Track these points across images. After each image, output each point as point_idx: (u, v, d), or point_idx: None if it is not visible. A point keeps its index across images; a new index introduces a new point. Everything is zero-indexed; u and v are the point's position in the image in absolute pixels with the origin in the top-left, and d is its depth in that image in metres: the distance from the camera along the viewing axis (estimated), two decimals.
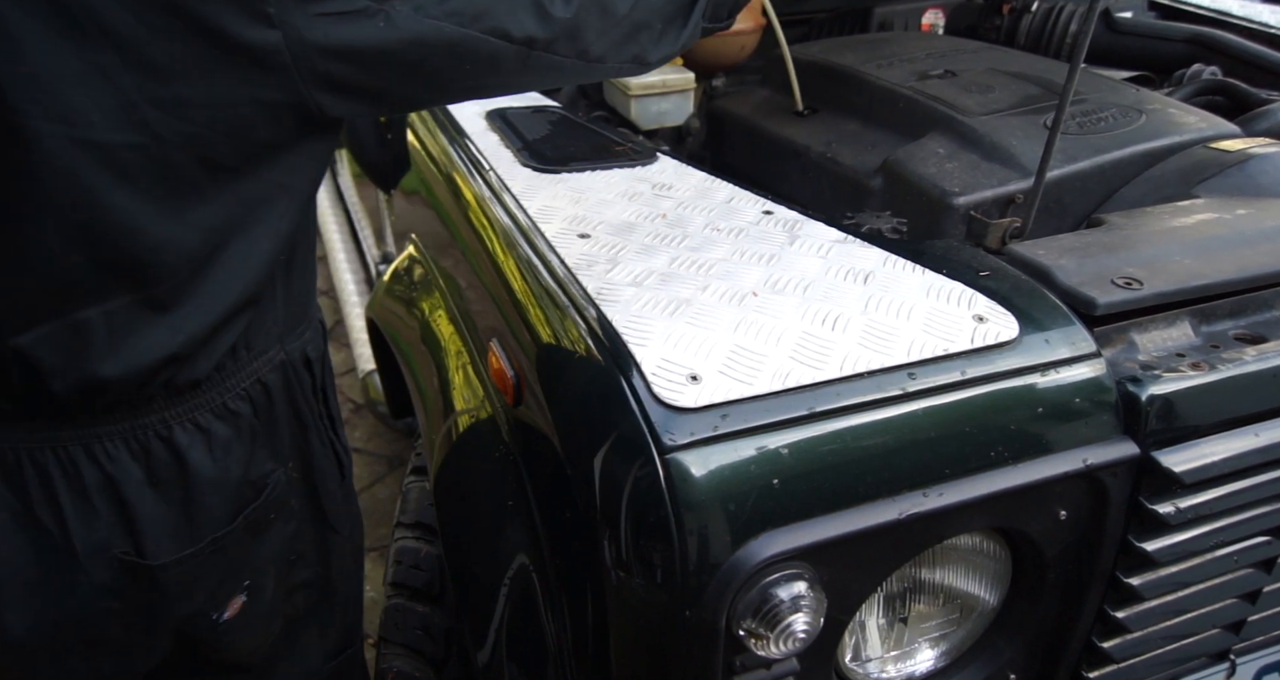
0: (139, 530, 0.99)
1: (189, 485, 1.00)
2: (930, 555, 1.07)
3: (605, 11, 1.04)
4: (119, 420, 0.96)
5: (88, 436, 0.96)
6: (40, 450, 0.95)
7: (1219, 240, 1.20)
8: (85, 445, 0.96)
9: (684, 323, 1.02)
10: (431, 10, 0.90)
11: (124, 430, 0.97)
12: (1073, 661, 1.18)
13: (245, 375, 1.03)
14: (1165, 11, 2.32)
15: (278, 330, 1.05)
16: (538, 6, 0.98)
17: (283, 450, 1.10)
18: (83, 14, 0.78)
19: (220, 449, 1.02)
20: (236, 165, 0.90)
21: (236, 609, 1.10)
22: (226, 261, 0.94)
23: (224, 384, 1.01)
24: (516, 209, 1.32)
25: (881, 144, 1.49)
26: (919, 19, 2.27)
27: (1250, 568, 1.20)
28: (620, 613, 0.98)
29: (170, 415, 0.98)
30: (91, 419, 0.95)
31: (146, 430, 0.97)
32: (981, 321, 1.04)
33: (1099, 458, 1.03)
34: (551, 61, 1.02)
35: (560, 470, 1.06)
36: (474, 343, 1.38)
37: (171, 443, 0.99)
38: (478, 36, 0.94)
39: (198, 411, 1.00)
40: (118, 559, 0.99)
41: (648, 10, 1.08)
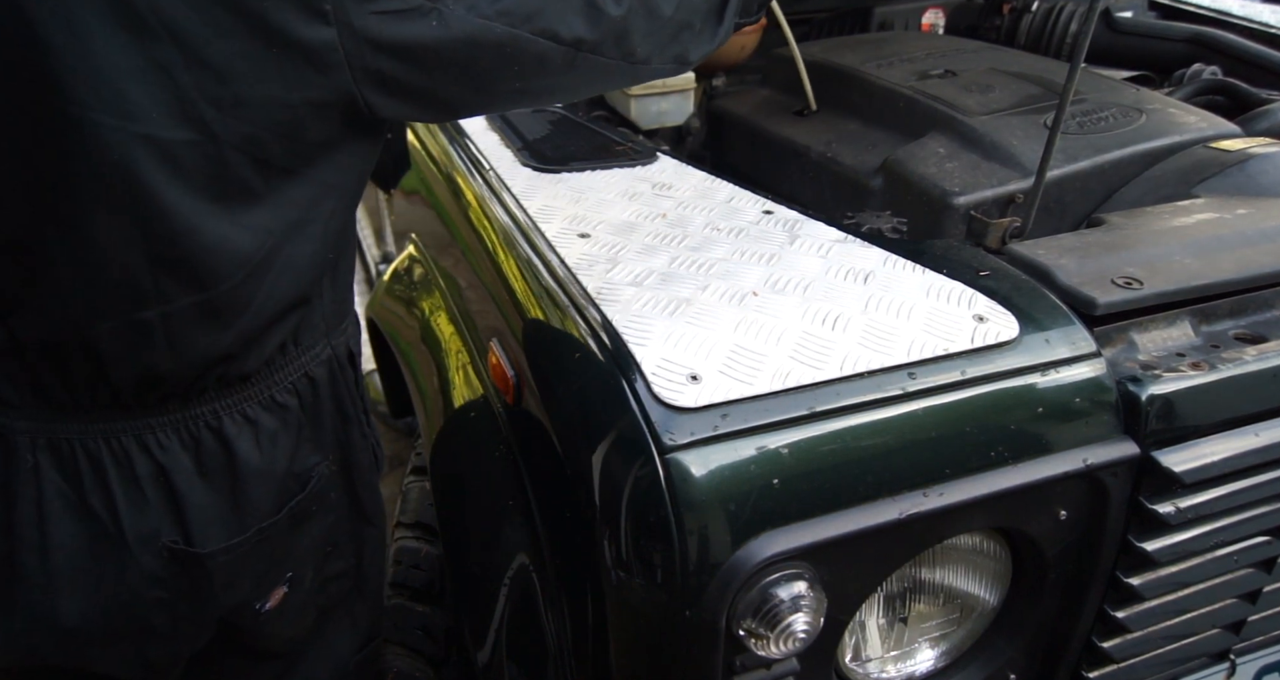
0: (188, 519, 1.00)
1: (236, 475, 1.02)
2: (930, 555, 1.07)
3: (652, 13, 1.05)
4: (171, 411, 0.98)
5: (140, 427, 0.97)
6: (93, 440, 0.97)
7: (1219, 240, 1.20)
8: (137, 435, 0.98)
9: (684, 322, 1.02)
10: (483, 10, 0.91)
11: (175, 421, 0.98)
12: (1073, 661, 1.18)
13: (293, 369, 1.05)
14: (1165, 11, 2.32)
15: (325, 326, 1.07)
16: (589, 7, 0.99)
17: (326, 443, 1.11)
18: (148, 11, 0.78)
19: (267, 440, 1.03)
20: (288, 166, 0.91)
21: (278, 599, 1.11)
22: (279, 263, 0.95)
23: (273, 377, 1.03)
24: (516, 209, 1.32)
25: (881, 144, 1.49)
26: (919, 19, 2.27)
27: (1250, 568, 1.20)
28: (620, 613, 0.98)
29: (220, 407, 1.00)
30: (144, 410, 0.97)
31: (197, 421, 0.99)
32: (981, 321, 1.04)
33: (1099, 457, 1.03)
34: (597, 63, 1.03)
35: (560, 470, 1.06)
36: (474, 342, 1.38)
37: (221, 433, 1.00)
38: (527, 37, 0.95)
39: (247, 403, 1.01)
40: (166, 547, 1.00)
41: (689, 9, 1.09)
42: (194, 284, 0.91)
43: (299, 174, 0.92)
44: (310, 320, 1.05)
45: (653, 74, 1.13)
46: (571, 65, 1.00)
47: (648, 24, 1.05)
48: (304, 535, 1.12)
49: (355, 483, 1.19)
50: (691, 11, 1.10)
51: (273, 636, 1.16)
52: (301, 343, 1.04)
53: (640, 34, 1.05)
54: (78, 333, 0.92)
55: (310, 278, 1.00)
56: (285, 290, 0.97)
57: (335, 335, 1.10)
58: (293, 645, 1.21)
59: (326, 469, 1.11)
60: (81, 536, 0.98)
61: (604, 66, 1.04)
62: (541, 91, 1.06)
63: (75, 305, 0.90)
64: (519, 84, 0.99)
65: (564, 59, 0.99)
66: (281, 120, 0.88)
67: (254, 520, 1.04)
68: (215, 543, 1.02)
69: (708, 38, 1.14)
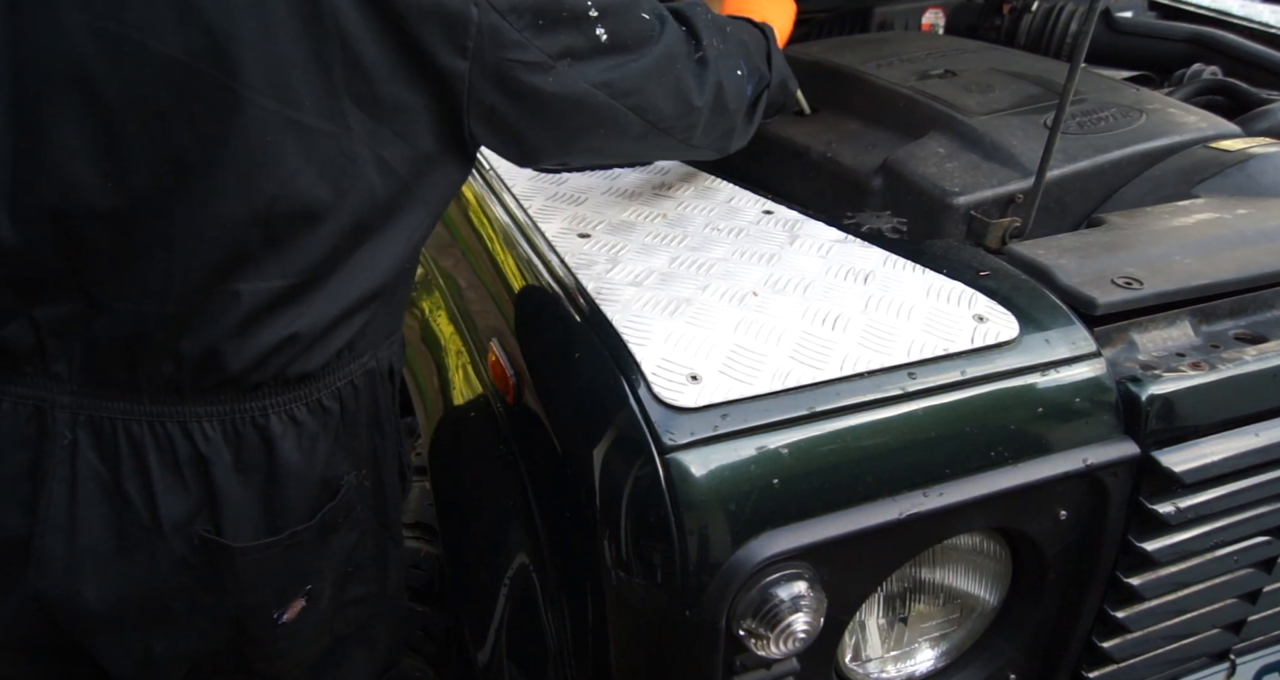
0: (221, 512, 1.01)
1: (273, 475, 1.02)
2: (930, 555, 1.07)
3: (722, 108, 1.20)
4: (221, 402, 0.99)
5: (186, 415, 0.98)
6: (138, 422, 0.98)
7: (1219, 240, 1.20)
8: (182, 423, 0.99)
9: (684, 322, 1.02)
10: (592, 77, 1.02)
11: (223, 412, 1.00)
12: (1073, 661, 1.18)
13: (342, 375, 1.06)
14: (1165, 11, 2.32)
15: (376, 337, 1.09)
16: (679, 95, 1.12)
17: (359, 455, 1.12)
18: (327, 12, 0.88)
19: (307, 443, 1.04)
20: (398, 170, 0.97)
21: (295, 612, 1.10)
22: (365, 261, 0.99)
23: (323, 380, 1.04)
24: (516, 209, 1.32)
25: (881, 144, 1.49)
26: (919, 19, 2.26)
27: (1250, 568, 1.20)
28: (620, 613, 0.98)
29: (270, 404, 1.01)
30: (196, 397, 0.98)
31: (244, 416, 1.00)
32: (981, 321, 1.04)
33: (1099, 457, 1.03)
34: (661, 140, 1.15)
35: (560, 470, 1.06)
36: (474, 342, 1.38)
37: (265, 431, 1.01)
38: (622, 110, 1.06)
39: (295, 404, 1.03)
40: (199, 536, 1.01)
41: (741, 107, 1.25)
42: (292, 267, 0.95)
43: (406, 182, 0.98)
44: (369, 328, 1.06)
45: (692, 154, 1.28)
46: (644, 138, 1.12)
47: (714, 117, 1.19)
48: (328, 548, 1.11)
49: (385, 500, 1.19)
50: (741, 110, 1.26)
51: (284, 656, 1.14)
52: (355, 348, 1.06)
53: (705, 124, 1.18)
54: (166, 304, 0.94)
55: (384, 282, 1.03)
56: (360, 289, 1.01)
57: (383, 348, 1.12)
58: (305, 672, 1.19)
59: (356, 480, 1.11)
60: (112, 520, 0.99)
61: (664, 143, 1.16)
62: (608, 154, 1.19)
63: (174, 277, 0.93)
64: (595, 144, 1.10)
65: (640, 132, 1.10)
66: (404, 124, 0.95)
67: (286, 523, 1.05)
68: (246, 539, 1.03)
69: (743, 133, 1.30)
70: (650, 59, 1.07)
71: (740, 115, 1.26)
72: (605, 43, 1.02)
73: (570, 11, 0.99)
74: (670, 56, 1.10)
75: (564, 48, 0.99)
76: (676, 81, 1.11)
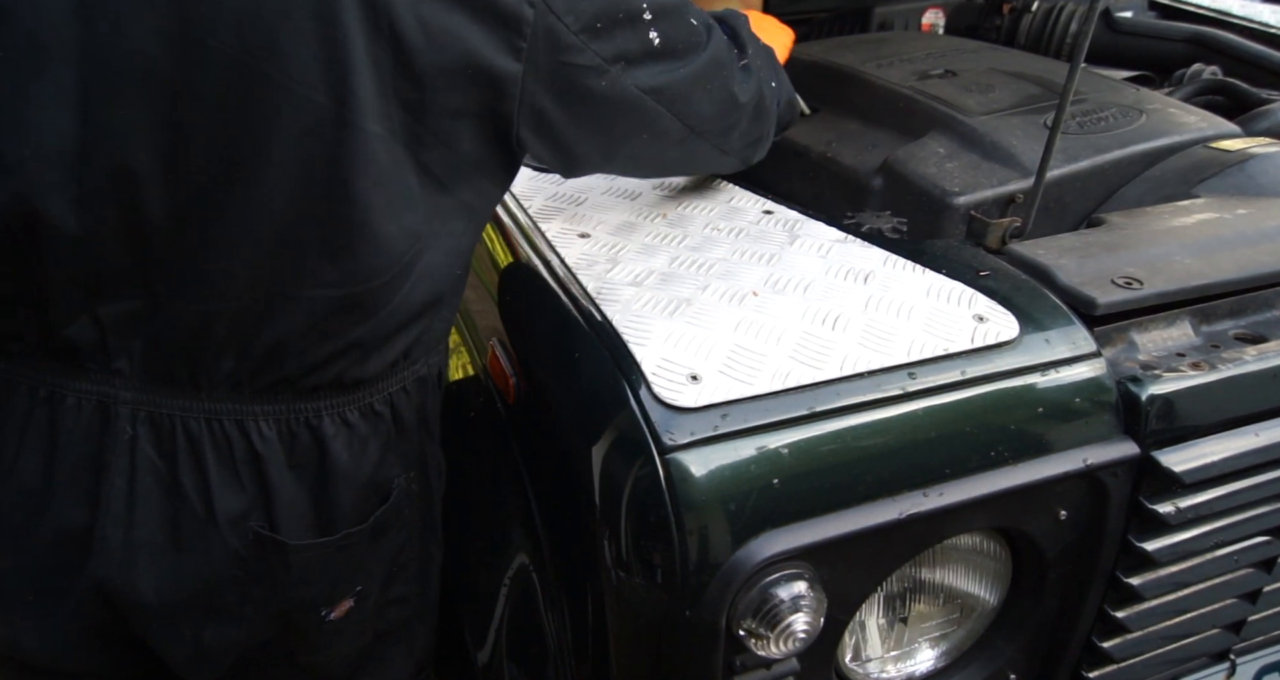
0: (276, 509, 1.02)
1: (325, 476, 1.03)
2: (930, 555, 1.07)
3: (761, 114, 1.22)
4: (278, 402, 1.00)
5: (243, 413, 0.99)
6: (195, 419, 0.99)
7: (1219, 240, 1.20)
8: (239, 421, 0.99)
9: (684, 322, 1.02)
10: (644, 81, 1.02)
11: (279, 412, 1.00)
12: (1073, 661, 1.18)
13: (396, 381, 1.07)
14: (1165, 11, 2.32)
15: (430, 344, 1.10)
16: (724, 100, 1.12)
17: (409, 458, 1.12)
18: (384, 16, 0.87)
19: (359, 446, 1.05)
20: (441, 176, 0.97)
21: (343, 611, 1.11)
22: (419, 268, 0.99)
23: (378, 386, 1.05)
24: (516, 209, 1.32)
25: (881, 144, 1.49)
26: (919, 19, 2.26)
27: (1250, 568, 1.20)
28: (620, 613, 0.98)
29: (325, 406, 1.02)
30: (254, 395, 0.99)
31: (299, 417, 1.01)
32: (981, 321, 1.04)
33: (1099, 457, 1.03)
34: (698, 146, 1.15)
35: (560, 470, 1.06)
36: (474, 342, 1.38)
37: (318, 432, 1.02)
38: (667, 115, 1.06)
39: (348, 407, 1.03)
40: (254, 531, 1.01)
41: (774, 116, 1.27)
42: (349, 276, 0.95)
43: (448, 187, 0.98)
44: (425, 335, 1.07)
45: (723, 165, 1.28)
46: (682, 144, 1.12)
47: (752, 124, 1.21)
48: (378, 550, 1.12)
49: (431, 502, 1.20)
50: (769, 121, 1.27)
51: (329, 652, 1.15)
52: (411, 356, 1.07)
53: (741, 131, 1.20)
54: (227, 302, 0.94)
55: (440, 290, 1.03)
56: (418, 298, 1.01)
57: (434, 354, 1.12)
58: (345, 668, 1.20)
59: (405, 483, 1.12)
60: (169, 513, 1.00)
61: (700, 150, 1.17)
62: (644, 163, 1.19)
63: (235, 277, 0.93)
64: (636, 151, 1.11)
65: (680, 137, 1.11)
66: (449, 130, 0.94)
67: (340, 524, 1.05)
68: (298, 537, 1.04)
69: (764, 146, 1.30)
70: (699, 64, 1.07)
71: (770, 124, 1.27)
72: (658, 47, 1.02)
73: (626, 13, 0.98)
74: (718, 62, 1.10)
75: (619, 51, 0.98)
76: (722, 87, 1.11)
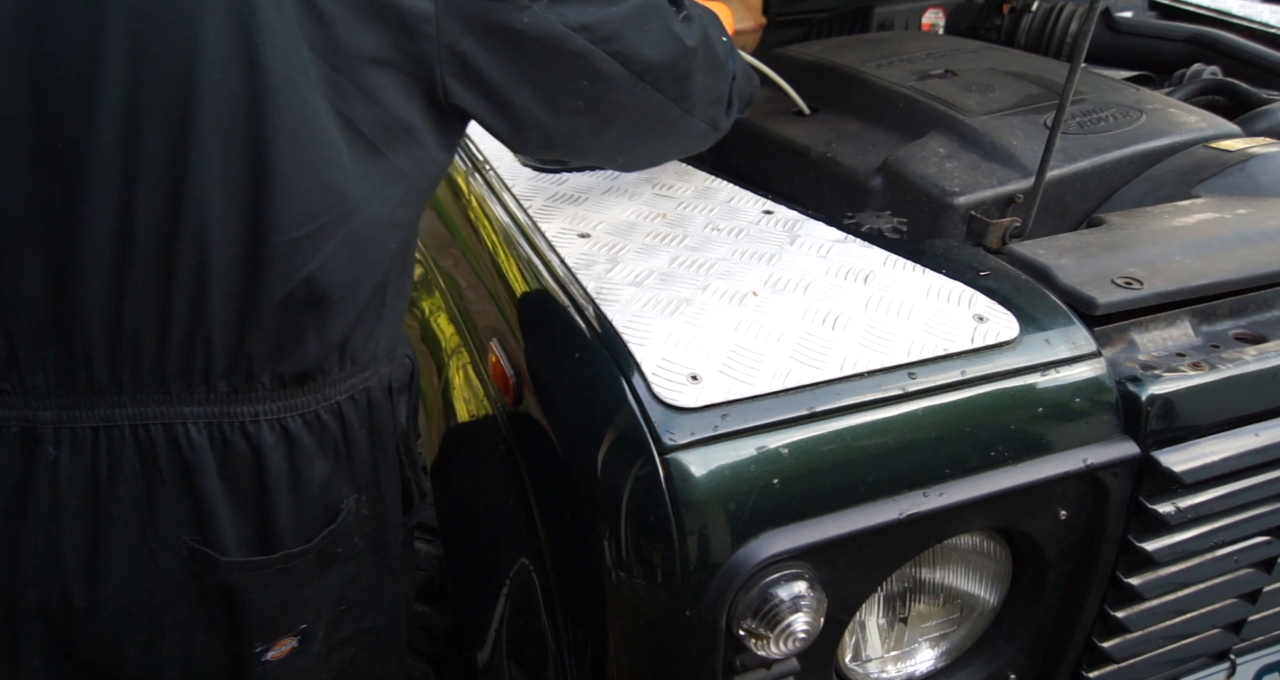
0: (209, 525, 0.97)
1: (264, 491, 0.98)
2: (930, 555, 1.07)
3: (716, 64, 1.15)
4: (207, 404, 0.95)
5: (170, 417, 0.94)
6: (119, 431, 0.94)
7: (1219, 240, 1.20)
8: (166, 426, 0.94)
9: (684, 322, 1.02)
10: (569, 19, 0.97)
11: (208, 415, 0.95)
12: (1073, 661, 1.18)
13: (342, 388, 1.01)
14: (1165, 11, 2.32)
15: (377, 348, 1.04)
16: (666, 41, 1.05)
17: (360, 479, 1.06)
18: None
19: (302, 459, 0.99)
20: (370, 136, 0.92)
21: (284, 652, 1.03)
22: (343, 234, 0.94)
23: (320, 392, 1.00)
24: (516, 209, 1.32)
25: (881, 144, 1.49)
26: (919, 19, 2.26)
27: (1250, 568, 1.20)
28: (620, 613, 0.97)
29: (262, 411, 0.96)
30: (182, 395, 0.94)
31: (232, 421, 0.96)
32: (981, 321, 1.04)
33: (1099, 457, 1.03)
34: (653, 97, 1.08)
35: (560, 470, 1.06)
36: (474, 343, 1.38)
37: (254, 440, 0.97)
38: (602, 55, 1.00)
39: (288, 414, 0.98)
40: (186, 546, 0.97)
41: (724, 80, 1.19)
42: (256, 228, 0.90)
43: (379, 151, 0.94)
44: (368, 329, 1.02)
45: (692, 131, 1.19)
46: (632, 92, 1.06)
47: (708, 75, 1.14)
48: (325, 581, 1.05)
49: (385, 529, 1.12)
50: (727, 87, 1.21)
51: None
52: (358, 359, 1.02)
53: (700, 85, 1.13)
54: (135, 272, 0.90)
55: (373, 267, 0.98)
56: (347, 270, 0.96)
57: (383, 363, 1.07)
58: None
59: (355, 506, 1.05)
60: (95, 536, 0.96)
61: (657, 102, 1.09)
62: (600, 115, 1.08)
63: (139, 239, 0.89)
64: (581, 103, 1.03)
65: (627, 84, 1.04)
66: (368, 79, 0.90)
67: (280, 544, 1.00)
68: (235, 555, 0.98)
69: (732, 116, 1.24)
70: (631, 5, 1.01)
71: (730, 82, 1.21)
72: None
73: None
74: (653, 4, 1.05)
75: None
76: (663, 27, 1.05)
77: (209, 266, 0.90)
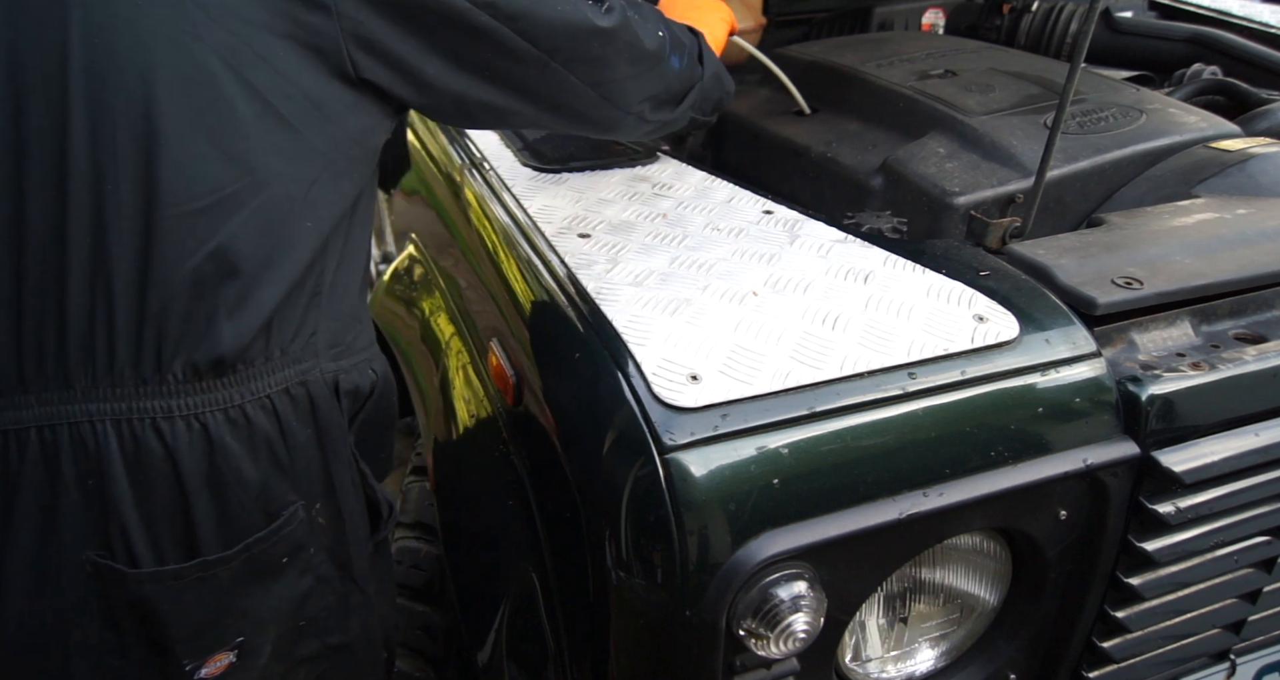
0: (117, 535, 0.90)
1: (180, 494, 0.91)
2: (930, 555, 1.07)
3: (641, 55, 1.14)
4: (115, 399, 0.89)
5: (76, 415, 0.88)
6: (24, 433, 0.88)
7: (1219, 240, 1.20)
8: (72, 426, 0.88)
9: (684, 322, 1.02)
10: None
11: (117, 412, 0.89)
12: (1073, 661, 1.18)
13: (273, 381, 0.95)
14: (1165, 11, 2.32)
15: (315, 340, 0.99)
16: (574, 14, 1.03)
17: (308, 485, 1.00)
18: None
19: (227, 459, 0.92)
20: (283, 108, 0.90)
21: (220, 668, 0.95)
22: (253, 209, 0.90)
23: (246, 385, 0.93)
24: (516, 209, 1.32)
25: (881, 144, 1.49)
26: (919, 19, 2.27)
27: (1250, 568, 1.20)
28: (620, 613, 0.98)
29: (176, 405, 0.90)
30: (88, 390, 0.88)
31: (143, 418, 0.89)
32: (981, 321, 1.04)
33: (1099, 457, 1.03)
34: (566, 80, 1.07)
35: (560, 470, 1.06)
36: (474, 343, 1.38)
37: (168, 439, 0.90)
38: (508, 33, 0.99)
39: (208, 411, 0.91)
40: (91, 562, 0.90)
41: (659, 75, 1.19)
42: (150, 199, 0.86)
43: (289, 124, 0.91)
44: (294, 320, 0.96)
45: (612, 121, 1.18)
46: (543, 72, 1.04)
47: (630, 67, 1.12)
48: (267, 594, 0.98)
49: (346, 540, 1.05)
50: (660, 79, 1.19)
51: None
52: (287, 349, 0.96)
53: (619, 73, 1.11)
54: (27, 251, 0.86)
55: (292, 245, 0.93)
56: (254, 243, 0.91)
57: (325, 359, 1.00)
58: None
59: (306, 514, 0.99)
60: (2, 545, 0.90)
61: (572, 85, 1.08)
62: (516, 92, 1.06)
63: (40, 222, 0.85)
64: (496, 76, 1.02)
65: (537, 63, 1.03)
66: (269, 48, 0.88)
67: (200, 553, 0.92)
68: (147, 565, 0.91)
69: (665, 112, 1.24)
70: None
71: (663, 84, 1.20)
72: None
73: None
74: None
75: None
76: (570, 10, 1.03)
77: (104, 244, 0.86)
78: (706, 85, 1.30)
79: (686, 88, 1.26)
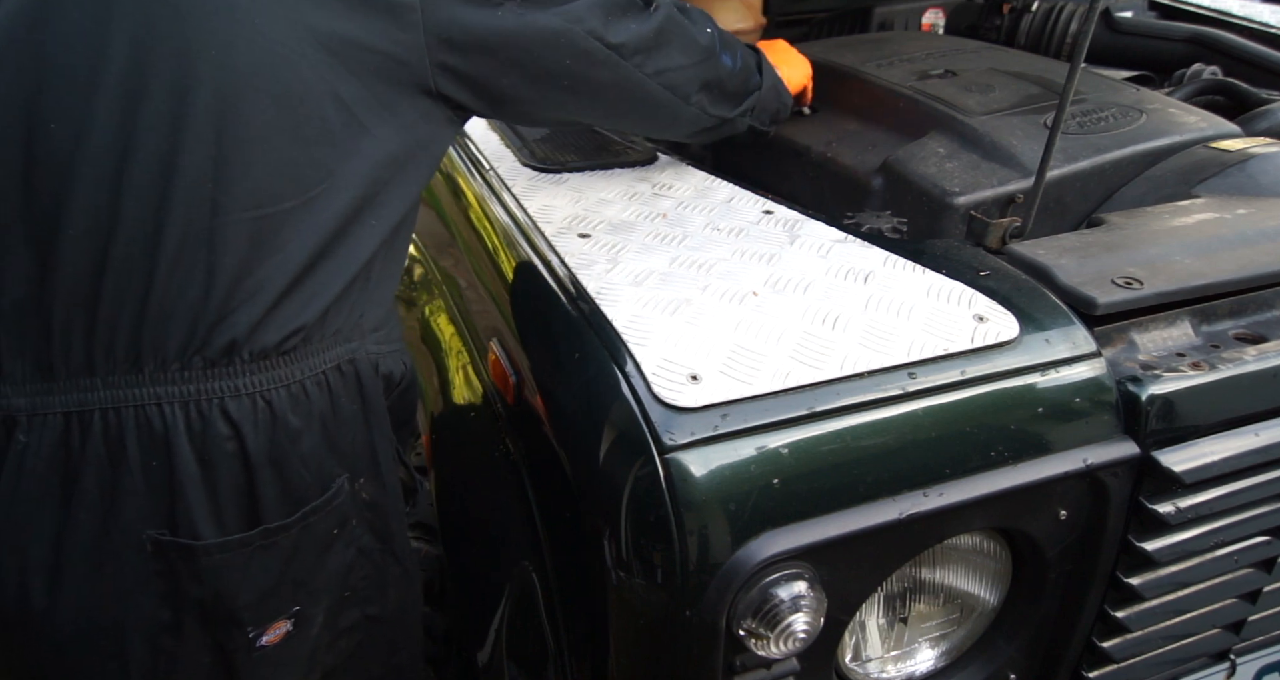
0: (183, 511, 0.93)
1: (244, 470, 0.95)
2: (930, 555, 1.07)
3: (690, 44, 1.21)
4: (183, 382, 0.93)
5: (143, 398, 0.92)
6: (88, 415, 0.92)
7: (1219, 240, 1.20)
8: (139, 409, 0.92)
9: (684, 322, 1.02)
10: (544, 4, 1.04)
11: (186, 394, 0.93)
12: (1073, 661, 1.18)
13: (328, 358, 1.00)
14: (1165, 11, 2.32)
15: (363, 322, 1.05)
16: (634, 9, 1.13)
17: (355, 459, 1.05)
18: None
19: (286, 436, 0.97)
20: (361, 117, 0.96)
21: (279, 636, 1.00)
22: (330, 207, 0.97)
23: (305, 362, 0.98)
24: (516, 209, 1.32)
25: (881, 144, 1.49)
26: (919, 19, 2.27)
27: (1250, 568, 1.20)
28: (620, 613, 0.98)
29: (243, 385, 0.94)
30: (156, 373, 0.92)
31: (210, 399, 0.93)
32: (981, 321, 1.04)
33: (1099, 457, 1.03)
34: (638, 77, 1.16)
35: (560, 470, 1.06)
36: (474, 343, 1.38)
37: (234, 417, 0.94)
38: (579, 32, 1.07)
39: (274, 388, 0.96)
40: (153, 540, 0.94)
41: (712, 67, 1.26)
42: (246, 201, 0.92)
43: (371, 134, 0.97)
44: (349, 307, 1.01)
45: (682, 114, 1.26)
46: (616, 71, 1.12)
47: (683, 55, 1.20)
48: (322, 564, 1.02)
49: (387, 514, 1.10)
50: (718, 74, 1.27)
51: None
52: (340, 329, 1.01)
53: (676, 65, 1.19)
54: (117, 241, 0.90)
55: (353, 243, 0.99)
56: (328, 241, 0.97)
57: (370, 340, 1.06)
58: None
59: (350, 487, 1.03)
60: (59, 530, 0.93)
61: (642, 82, 1.16)
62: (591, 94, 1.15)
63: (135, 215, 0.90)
64: (569, 81, 1.10)
65: (609, 62, 1.11)
66: (359, 60, 0.95)
67: (262, 519, 0.97)
68: (212, 536, 0.94)
69: (725, 108, 1.31)
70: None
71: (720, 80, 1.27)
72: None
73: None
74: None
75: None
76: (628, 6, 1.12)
77: (197, 239, 0.91)
78: (765, 95, 1.38)
79: (743, 88, 1.34)
